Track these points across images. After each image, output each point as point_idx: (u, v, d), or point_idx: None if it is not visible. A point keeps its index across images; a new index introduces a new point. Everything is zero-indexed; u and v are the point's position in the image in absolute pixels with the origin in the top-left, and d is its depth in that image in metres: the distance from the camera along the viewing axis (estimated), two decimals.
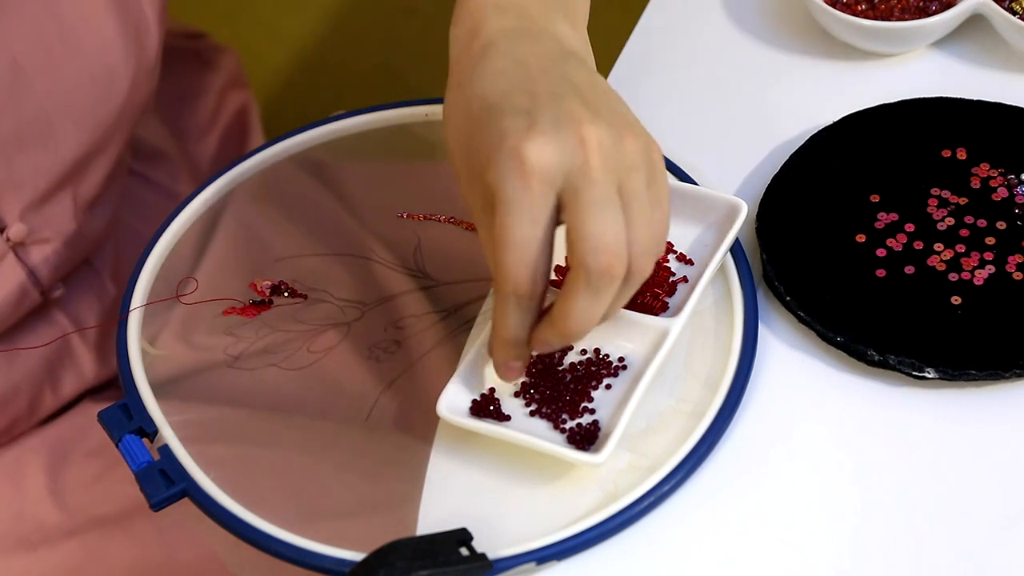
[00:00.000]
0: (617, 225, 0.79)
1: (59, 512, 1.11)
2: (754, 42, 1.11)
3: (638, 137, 0.81)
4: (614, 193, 0.79)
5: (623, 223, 0.80)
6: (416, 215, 1.03)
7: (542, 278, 0.81)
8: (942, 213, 0.97)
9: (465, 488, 0.88)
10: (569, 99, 0.81)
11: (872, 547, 0.85)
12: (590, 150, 0.79)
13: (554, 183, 0.79)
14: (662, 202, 0.83)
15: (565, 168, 0.79)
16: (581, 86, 0.82)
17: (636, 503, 0.86)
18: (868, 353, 0.91)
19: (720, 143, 1.05)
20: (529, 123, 0.79)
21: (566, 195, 0.79)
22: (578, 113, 0.80)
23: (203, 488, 0.88)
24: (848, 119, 1.03)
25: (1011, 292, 0.93)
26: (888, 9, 1.07)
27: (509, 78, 0.82)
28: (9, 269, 1.07)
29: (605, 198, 0.79)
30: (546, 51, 0.84)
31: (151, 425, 0.91)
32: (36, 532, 1.10)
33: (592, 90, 0.82)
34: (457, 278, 0.99)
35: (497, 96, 0.81)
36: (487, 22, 0.85)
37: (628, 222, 0.80)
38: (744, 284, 0.95)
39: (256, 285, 0.98)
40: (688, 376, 0.92)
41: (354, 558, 0.84)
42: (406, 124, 1.08)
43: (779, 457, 0.89)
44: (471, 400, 0.90)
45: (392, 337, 0.96)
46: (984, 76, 1.07)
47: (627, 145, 0.80)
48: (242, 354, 0.96)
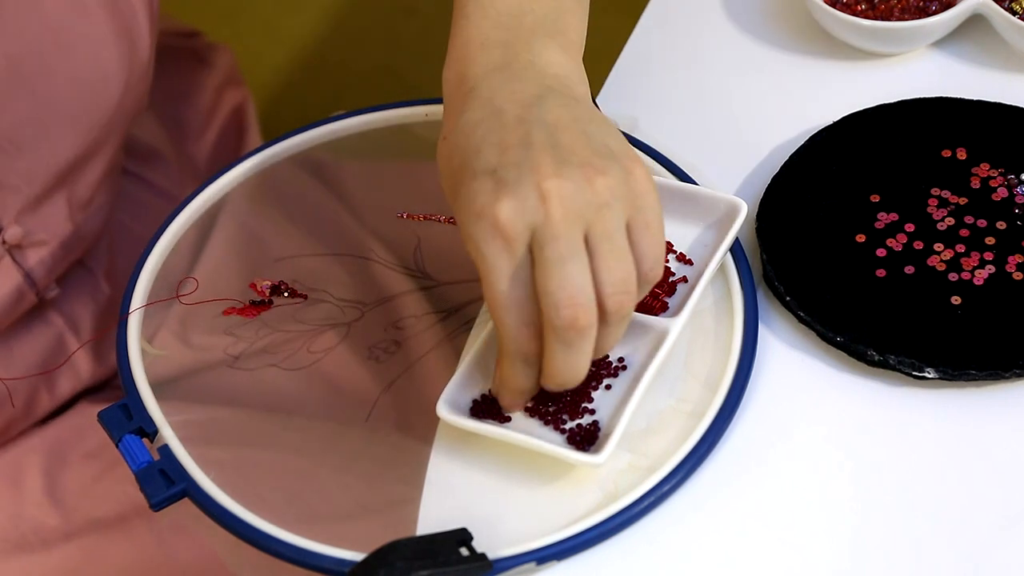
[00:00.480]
0: (579, 277, 0.80)
1: (57, 514, 1.10)
2: (754, 42, 1.11)
3: (610, 172, 0.82)
4: (577, 242, 0.80)
5: (587, 272, 0.81)
6: (416, 215, 1.03)
7: (534, 340, 0.83)
8: (942, 213, 0.97)
9: (465, 488, 0.88)
10: (537, 150, 0.82)
11: (872, 547, 0.85)
12: (550, 204, 0.80)
13: (525, 240, 0.80)
14: (650, 226, 0.83)
15: (529, 224, 0.80)
16: (556, 127, 0.83)
17: (636, 503, 0.86)
18: (868, 353, 0.91)
19: (720, 143, 1.05)
20: (495, 183, 0.81)
21: (533, 251, 0.81)
22: (543, 166, 0.81)
23: (203, 488, 0.88)
24: (848, 119, 1.03)
25: (1011, 292, 0.93)
26: (888, 9, 1.07)
27: (484, 129, 0.84)
28: (6, 272, 1.07)
29: (565, 252, 0.80)
30: (525, 92, 0.84)
31: (151, 425, 0.91)
32: (34, 534, 1.10)
33: (568, 130, 0.83)
34: (457, 278, 0.99)
35: (471, 152, 0.83)
36: (472, 64, 0.87)
37: (597, 266, 0.81)
38: (744, 284, 0.95)
39: (256, 285, 0.98)
40: (688, 376, 0.92)
41: (354, 558, 0.84)
42: (406, 124, 1.08)
43: (779, 457, 0.89)
44: (471, 401, 0.90)
45: (392, 337, 0.96)
46: (984, 76, 1.07)
47: (597, 184, 0.81)
48: (242, 354, 0.96)
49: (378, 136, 1.08)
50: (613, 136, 0.84)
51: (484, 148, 0.82)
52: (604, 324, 0.82)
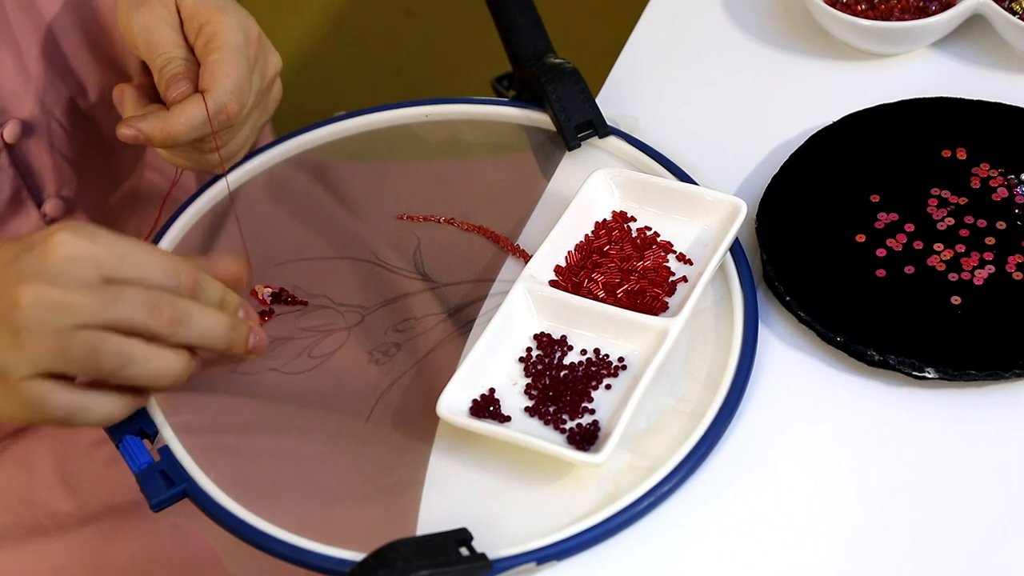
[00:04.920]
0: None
1: (72, 500, 1.11)
2: (754, 42, 1.12)
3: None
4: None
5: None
6: (416, 216, 1.03)
7: (240, 113, 0.97)
8: (942, 213, 0.97)
9: (465, 488, 0.88)
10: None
11: (872, 547, 0.85)
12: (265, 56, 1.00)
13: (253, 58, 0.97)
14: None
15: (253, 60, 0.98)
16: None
17: (636, 503, 0.86)
18: (868, 353, 0.91)
19: (720, 143, 1.05)
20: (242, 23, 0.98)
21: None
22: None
23: (203, 488, 0.88)
24: (848, 119, 1.03)
25: (1011, 292, 0.93)
26: (888, 9, 1.07)
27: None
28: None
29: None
30: None
31: (151, 426, 0.91)
32: (49, 519, 1.10)
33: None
34: (457, 279, 0.99)
35: None
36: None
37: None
38: (744, 284, 0.95)
39: (257, 293, 0.98)
40: (688, 376, 0.92)
41: (354, 558, 0.84)
42: (406, 124, 1.08)
43: (779, 457, 0.89)
44: (471, 400, 0.90)
45: (392, 340, 0.96)
46: (984, 76, 1.07)
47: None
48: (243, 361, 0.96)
49: (378, 136, 1.08)
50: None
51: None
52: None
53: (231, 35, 0.97)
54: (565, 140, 1.04)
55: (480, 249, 1.00)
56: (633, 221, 0.99)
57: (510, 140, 1.07)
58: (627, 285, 0.95)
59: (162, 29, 0.98)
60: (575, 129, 1.04)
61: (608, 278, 0.95)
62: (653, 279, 0.95)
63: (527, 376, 0.92)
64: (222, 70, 0.96)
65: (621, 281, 0.95)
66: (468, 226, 1.01)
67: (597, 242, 0.97)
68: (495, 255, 1.00)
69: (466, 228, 1.02)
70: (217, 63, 0.96)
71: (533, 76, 1.06)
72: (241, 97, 0.96)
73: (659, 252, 0.96)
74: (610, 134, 1.04)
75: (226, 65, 0.96)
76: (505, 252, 1.00)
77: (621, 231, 0.98)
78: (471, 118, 1.08)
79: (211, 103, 0.95)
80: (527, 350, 0.93)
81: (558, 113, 1.04)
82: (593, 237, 0.98)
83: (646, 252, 0.96)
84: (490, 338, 0.92)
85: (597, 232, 0.98)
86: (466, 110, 1.08)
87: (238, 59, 0.96)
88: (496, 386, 0.91)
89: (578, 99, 1.04)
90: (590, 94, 1.04)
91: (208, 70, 0.96)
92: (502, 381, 0.91)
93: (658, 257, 0.96)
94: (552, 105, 1.04)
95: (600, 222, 0.98)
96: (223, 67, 0.96)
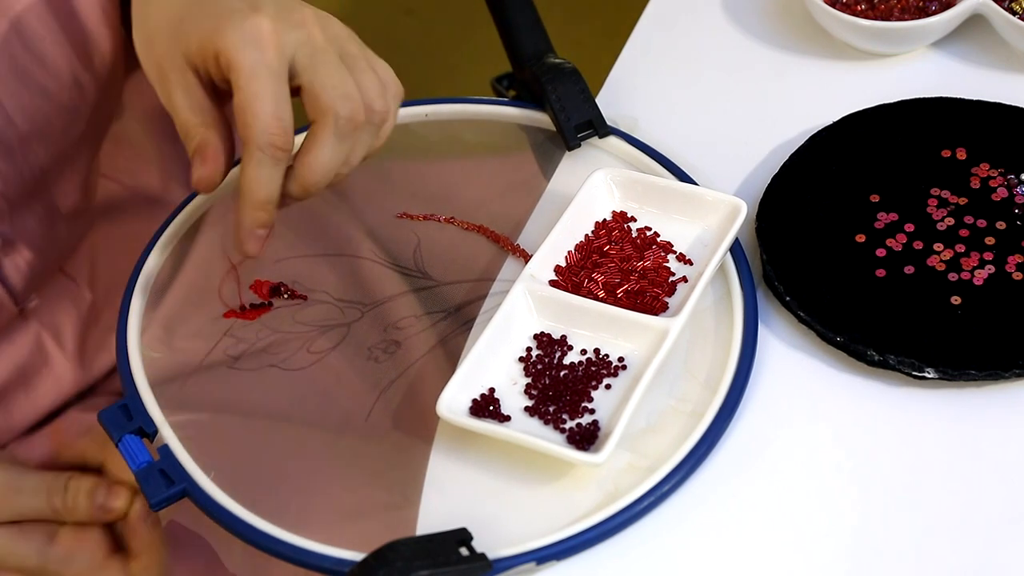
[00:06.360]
0: (351, 80, 0.89)
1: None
2: (754, 42, 1.12)
3: (337, 22, 0.92)
4: (339, 58, 0.89)
5: (353, 80, 0.89)
6: (416, 215, 1.03)
7: (291, 135, 0.87)
8: (942, 213, 0.97)
9: (465, 488, 0.88)
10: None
11: (872, 547, 0.85)
12: (311, 27, 0.89)
13: (286, 52, 0.87)
14: (377, 60, 0.92)
15: (293, 41, 0.87)
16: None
17: (636, 503, 0.86)
18: (868, 353, 0.91)
19: (720, 143, 1.05)
20: (252, 6, 0.87)
21: (300, 62, 0.87)
22: (289, 3, 0.89)
23: (203, 488, 0.88)
24: (848, 119, 1.03)
25: (1011, 292, 0.93)
26: (888, 9, 1.07)
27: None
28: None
29: (336, 60, 0.89)
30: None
31: (151, 425, 0.91)
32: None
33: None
34: (457, 278, 0.99)
35: (199, 6, 0.88)
36: None
37: (355, 79, 0.89)
38: (744, 284, 0.95)
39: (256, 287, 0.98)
40: (688, 376, 0.92)
41: (354, 558, 0.84)
42: (406, 124, 1.08)
43: (779, 457, 0.89)
44: (471, 400, 0.90)
45: (392, 338, 0.96)
46: (984, 76, 1.07)
47: (334, 26, 0.91)
48: (242, 355, 0.96)
49: None
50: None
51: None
52: (369, 125, 0.90)
53: (242, 56, 0.86)
54: (565, 140, 1.04)
55: (480, 248, 1.00)
56: (633, 221, 0.99)
57: (510, 140, 1.07)
58: (627, 285, 0.95)
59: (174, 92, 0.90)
60: (575, 129, 1.04)
61: (608, 278, 0.95)
62: (653, 279, 0.95)
63: (527, 376, 0.92)
64: (248, 112, 0.86)
65: (621, 281, 0.95)
66: (468, 225, 1.02)
67: (597, 242, 0.97)
68: (495, 255, 1.00)
69: (466, 227, 1.02)
70: (240, 107, 0.86)
71: (533, 76, 1.06)
72: (281, 123, 0.86)
73: (659, 252, 0.97)
74: (610, 134, 1.04)
75: (252, 105, 0.85)
76: (505, 252, 1.00)
77: (621, 231, 0.98)
78: (471, 118, 1.08)
79: (247, 157, 0.87)
80: (527, 350, 0.93)
81: (558, 113, 1.04)
82: (593, 237, 0.98)
83: (646, 252, 0.96)
84: (490, 338, 0.92)
85: (597, 232, 0.98)
86: (466, 110, 1.08)
87: (260, 87, 0.86)
88: (496, 386, 0.91)
89: (578, 99, 1.04)
90: (590, 94, 1.04)
91: (239, 118, 0.87)
92: (502, 381, 0.91)
93: (658, 257, 0.96)
94: (552, 105, 1.04)
95: (600, 222, 0.99)
96: (248, 108, 0.86)
